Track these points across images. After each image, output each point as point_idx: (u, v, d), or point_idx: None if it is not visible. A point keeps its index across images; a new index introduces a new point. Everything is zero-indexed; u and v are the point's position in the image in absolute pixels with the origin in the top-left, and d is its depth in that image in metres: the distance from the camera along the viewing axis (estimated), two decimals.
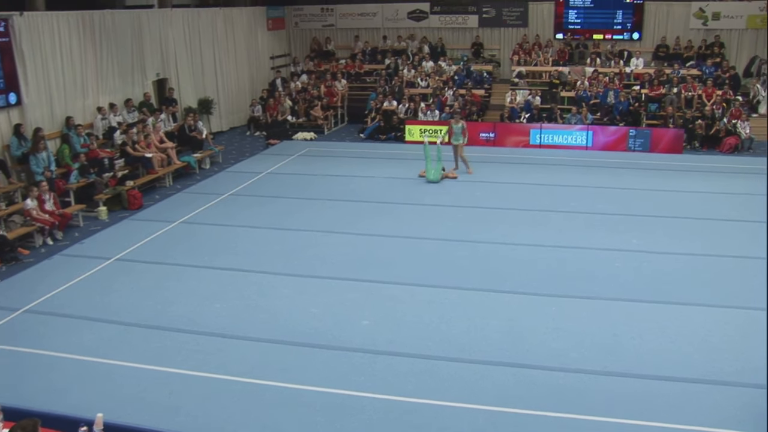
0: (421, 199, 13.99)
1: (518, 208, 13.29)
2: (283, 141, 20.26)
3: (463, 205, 13.56)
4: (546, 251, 10.91)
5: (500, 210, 13.17)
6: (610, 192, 14.42)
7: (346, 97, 23.70)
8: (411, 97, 21.73)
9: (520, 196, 14.18)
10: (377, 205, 13.59)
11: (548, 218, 12.61)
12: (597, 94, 20.92)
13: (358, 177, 15.88)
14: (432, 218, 12.71)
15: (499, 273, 10.08)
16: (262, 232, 12.05)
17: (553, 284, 9.66)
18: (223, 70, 22.13)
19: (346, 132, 22.10)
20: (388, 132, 20.61)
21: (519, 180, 15.45)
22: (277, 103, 21.95)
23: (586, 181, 15.30)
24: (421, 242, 11.41)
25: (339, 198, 14.16)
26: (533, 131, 18.96)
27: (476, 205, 13.54)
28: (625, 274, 10.00)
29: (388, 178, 15.75)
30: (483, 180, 15.45)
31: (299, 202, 13.92)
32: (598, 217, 12.66)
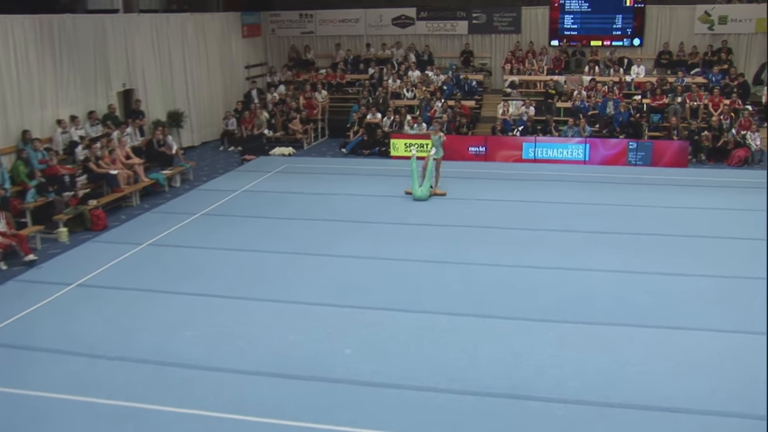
0: (408, 218, 14.09)
1: (512, 227, 13.41)
2: (260, 157, 20.33)
3: (452, 224, 13.66)
4: (542, 273, 11.00)
5: (493, 229, 13.28)
6: (610, 209, 14.58)
7: (326, 109, 23.84)
8: (396, 109, 21.91)
9: (513, 214, 14.32)
10: (360, 225, 13.66)
11: (544, 238, 12.73)
12: (595, 104, 21.18)
13: (340, 195, 15.95)
14: (419, 238, 12.80)
15: (492, 297, 10.15)
16: (237, 255, 12.07)
17: (551, 308, 9.73)
18: (195, 80, 22.21)
19: (326, 147, 22.20)
20: (371, 147, 20.76)
21: (512, 197, 15.59)
22: (253, 116, 22.04)
23: (584, 197, 15.47)
24: (408, 264, 11.47)
25: (319, 217, 14.22)
26: (526, 145, 19.18)
27: (467, 224, 13.64)
28: (628, 297, 10.09)
29: (371, 195, 15.83)
30: (474, 197, 15.57)
31: (277, 222, 13.96)
32: (597, 237, 12.80)
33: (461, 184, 16.60)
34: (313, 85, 24.27)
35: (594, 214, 14.19)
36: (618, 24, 24.39)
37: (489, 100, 23.76)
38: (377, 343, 8.86)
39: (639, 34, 24.22)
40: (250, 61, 25.92)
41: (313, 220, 14.07)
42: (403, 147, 19.80)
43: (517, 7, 25.18)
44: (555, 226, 13.42)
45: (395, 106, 22.17)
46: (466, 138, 20.05)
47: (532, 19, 25.20)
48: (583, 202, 15.08)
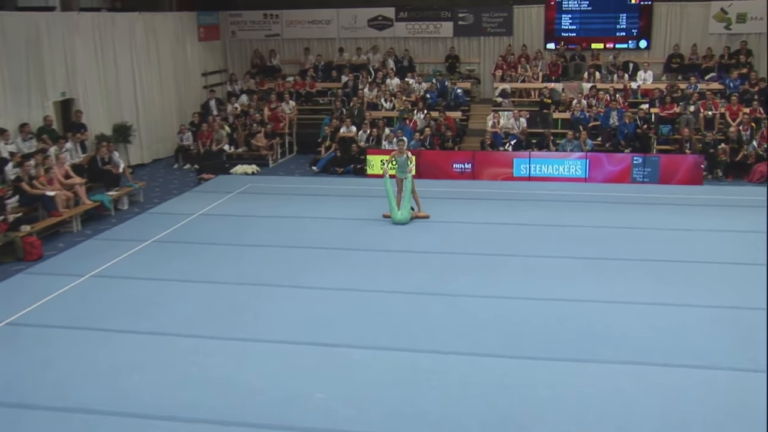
0: (387, 245, 14.21)
1: (503, 253, 13.57)
2: (219, 176, 20.42)
3: (436, 250, 13.80)
4: (538, 305, 11.11)
5: (482, 256, 13.42)
6: (613, 233, 14.79)
7: (294, 122, 24.00)
8: (373, 122, 22.12)
9: (504, 239, 14.49)
10: (333, 253, 13.74)
11: (539, 265, 12.88)
12: (597, 115, 21.49)
13: (310, 218, 16.05)
14: (400, 267, 12.91)
15: (481, 332, 10.22)
16: (194, 287, 12.08)
17: (548, 344, 9.81)
18: (144, 89, 22.28)
19: (295, 164, 22.30)
20: (345, 164, 20.93)
21: (503, 220, 15.77)
22: (211, 130, 22.13)
23: (583, 219, 15.68)
24: (387, 296, 11.55)
25: (287, 244, 14.29)
26: (518, 161, 19.43)
27: (453, 250, 13.79)
28: (635, 331, 10.19)
29: (346, 219, 15.95)
30: (460, 220, 15.73)
31: (239, 249, 14.01)
32: (599, 263, 12.97)
33: (445, 205, 16.78)
34: (280, 94, 24.43)
35: (595, 239, 14.39)
36: (622, 24, 24.77)
37: (477, 110, 24.03)
38: (354, 386, 8.88)
39: (646, 35, 24.62)
40: (208, 67, 26.06)
41: (280, 247, 14.14)
42: (380, 164, 19.93)
43: (508, 6, 25.53)
44: (551, 251, 13.59)
45: (372, 118, 22.38)
46: (452, 153, 20.28)
47: (525, 19, 25.56)
48: (582, 225, 15.28)
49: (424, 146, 20.66)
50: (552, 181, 19.11)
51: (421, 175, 16.61)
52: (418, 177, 16.06)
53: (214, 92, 25.08)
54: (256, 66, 26.74)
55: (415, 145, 20.56)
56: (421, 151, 19.70)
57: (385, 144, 21.05)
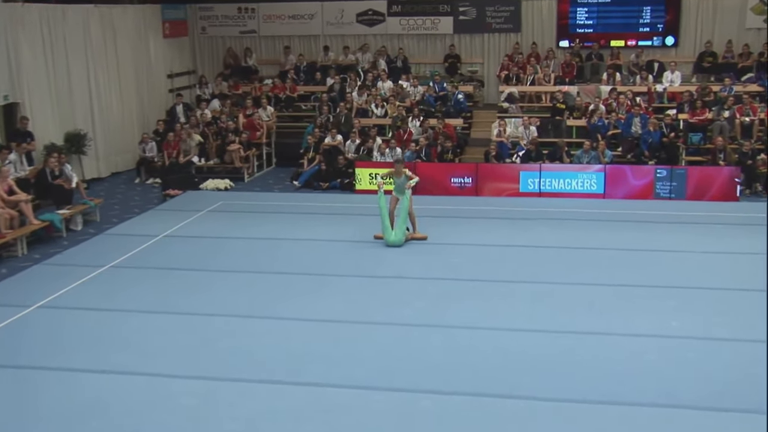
0: (378, 270, 14.25)
1: (511, 279, 13.63)
2: (187, 192, 20.48)
3: (435, 276, 13.86)
4: (550, 338, 11.14)
5: (486, 283, 13.47)
6: (635, 256, 14.86)
7: (273, 130, 24.10)
8: (363, 130, 22.22)
9: (512, 263, 14.56)
10: (317, 279, 13.77)
11: (552, 293, 12.93)
12: (617, 122, 21.64)
13: (291, 240, 16.11)
14: (393, 295, 12.94)
15: (486, 370, 10.23)
16: (157, 319, 12.07)
17: (562, 383, 9.83)
18: (101, 92, 22.32)
19: (274, 178, 22.38)
20: (331, 178, 21.03)
21: (510, 241, 15.86)
22: (178, 140, 22.18)
23: (601, 241, 15.78)
24: (379, 329, 11.57)
25: (264, 269, 14.33)
26: (525, 175, 19.57)
27: (453, 276, 13.85)
28: (662, 369, 10.21)
29: (331, 241, 16.02)
30: (461, 242, 15.81)
31: (209, 275, 14.04)
32: (620, 291, 13.02)
33: (444, 224, 16.86)
34: (256, 99, 24.53)
35: (613, 263, 14.45)
36: (646, 18, 24.94)
37: (480, 117, 24.16)
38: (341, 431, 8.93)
39: (673, 31, 24.78)
40: (174, 68, 26.15)
41: (256, 272, 14.17)
42: (371, 178, 20.01)
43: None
44: (564, 278, 13.65)
45: (361, 126, 22.49)
46: (451, 166, 20.41)
47: (535, 13, 25.73)
48: (599, 247, 15.37)
49: (419, 158, 20.80)
50: (565, 197, 19.25)
51: (416, 191, 16.64)
52: (413, 193, 16.07)
53: (181, 96, 25.16)
54: (230, 67, 26.85)
55: (410, 157, 20.67)
56: (416, 164, 19.79)
57: (376, 156, 21.14)
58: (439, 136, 21.48)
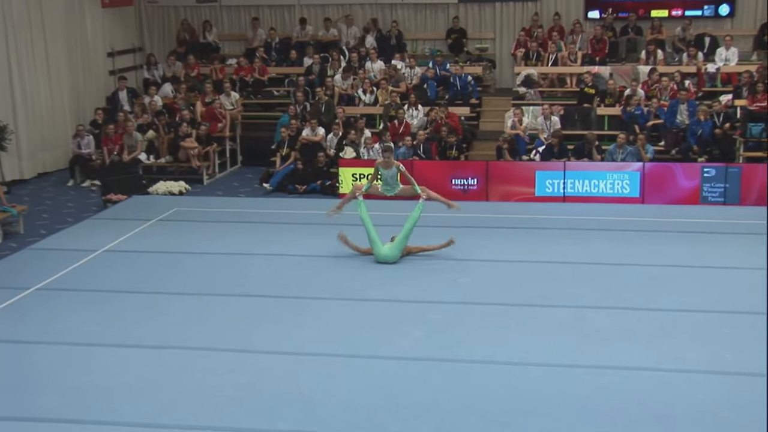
0: (368, 292, 14.24)
1: (529, 303, 13.60)
2: (133, 197, 20.47)
3: (437, 299, 13.83)
4: (578, 376, 11.10)
5: (499, 308, 13.44)
6: (680, 275, 14.86)
7: (239, 122, 24.14)
8: (348, 122, 22.21)
9: (530, 284, 14.53)
10: (294, 303, 13.75)
11: (580, 320, 12.93)
12: (659, 110, 21.63)
13: (261, 256, 16.12)
14: (387, 323, 12.90)
15: (500, 414, 10.20)
16: (95, 354, 12.00)
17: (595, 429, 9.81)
18: (25, 76, 22.27)
19: (239, 180, 22.41)
20: (310, 180, 21.08)
21: (527, 257, 15.89)
22: (122, 133, 22.16)
23: (639, 256, 15.77)
24: (369, 364, 11.54)
25: (228, 291, 14.29)
26: (543, 176, 19.63)
27: (459, 299, 13.83)
28: (717, 411, 10.18)
29: (311, 256, 16.01)
30: (468, 258, 15.82)
31: (160, 299, 13.98)
32: (663, 317, 13.01)
33: (445, 236, 16.62)
34: (218, 84, 24.52)
35: (654, 283, 14.42)
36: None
37: (492, 105, 24.23)
38: None
39: None
40: (116, 45, 26.12)
41: (219, 296, 14.11)
42: (362, 181, 19.98)
43: None
44: (595, 301, 13.62)
45: (345, 117, 22.53)
46: (453, 165, 20.43)
47: None
48: (636, 263, 15.36)
49: (417, 155, 20.87)
50: (594, 202, 19.30)
51: None
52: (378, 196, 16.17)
53: (125, 80, 25.14)
54: (185, 43, 26.79)
55: (405, 154, 20.70)
56: (413, 162, 19.86)
57: (363, 152, 21.15)
58: (441, 128, 21.51)
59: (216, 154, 22.94)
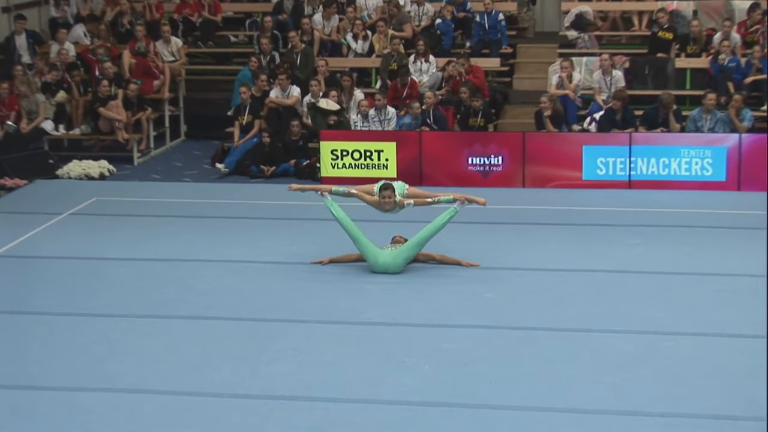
0: (362, 312, 14.24)
1: (581, 327, 13.58)
2: (35, 181, 20.56)
3: (453, 323, 13.80)
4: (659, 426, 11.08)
5: (539, 333, 13.42)
6: None
7: (182, 79, 24.22)
8: (332, 79, 22.22)
9: (582, 300, 14.55)
10: (259, 328, 13.72)
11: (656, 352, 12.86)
12: (763, 61, 21.55)
13: (214, 263, 16.16)
14: (386, 354, 12.85)
15: None
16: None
17: None
18: None
19: (183, 159, 22.55)
20: (279, 159, 21.22)
21: (576, 263, 15.99)
22: (18, 94, 22.13)
23: (732, 263, 15.79)
24: (365, 410, 11.54)
25: (167, 313, 14.26)
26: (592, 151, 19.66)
27: (483, 322, 13.80)
28: None
29: (283, 264, 16.08)
30: (496, 265, 15.93)
31: (73, 324, 13.95)
32: None
33: (465, 236, 16.94)
34: (153, 25, 24.49)
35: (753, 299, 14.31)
36: None
37: (530, 55, 24.37)
38: None
39: None
40: None
41: (157, 318, 14.09)
42: (346, 160, 20.32)
43: None
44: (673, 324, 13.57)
45: (328, 72, 22.60)
46: (473, 137, 20.44)
47: None
48: (728, 273, 15.37)
49: (426, 124, 20.97)
50: (670, 188, 19.39)
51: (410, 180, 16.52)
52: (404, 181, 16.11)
53: (23, 20, 25.06)
54: None
55: (411, 125, 20.85)
56: (422, 134, 20.02)
57: (356, 121, 21.23)
58: (461, 88, 21.49)
59: (151, 123, 22.96)
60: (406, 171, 19.56)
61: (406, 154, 20.01)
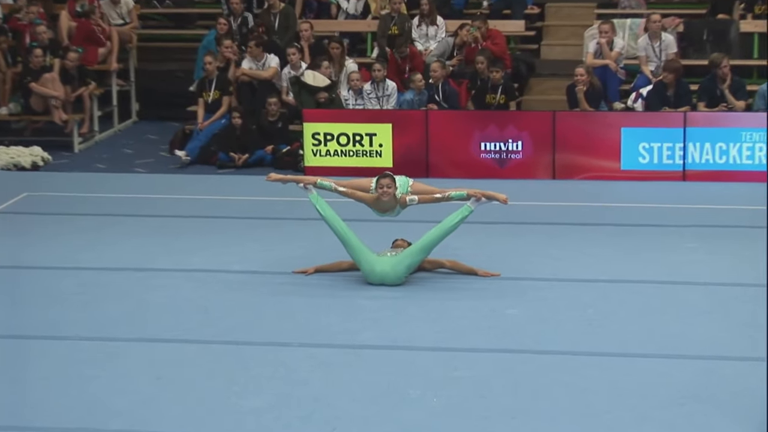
0: (356, 334, 14.23)
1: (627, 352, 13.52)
2: None
3: (468, 345, 13.77)
4: None
5: (576, 359, 13.38)
6: None
7: (133, 46, 24.19)
8: (318, 45, 22.23)
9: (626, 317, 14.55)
10: (229, 354, 13.69)
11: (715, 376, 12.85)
12: None
13: (172, 273, 16.25)
14: (388, 385, 12.75)
15: None
16: None
17: None
18: None
19: (135, 145, 22.65)
20: (254, 144, 21.39)
21: (618, 272, 16.02)
22: None
23: None
24: None
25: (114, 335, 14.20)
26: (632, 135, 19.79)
27: (506, 344, 13.78)
28: None
29: (256, 273, 16.17)
30: (519, 275, 16.00)
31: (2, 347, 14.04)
32: None
33: (481, 239, 17.13)
34: None
35: None
36: None
37: (561, 17, 24.44)
38: None
39: None
40: None
41: (103, 341, 14.06)
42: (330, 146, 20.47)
43: None
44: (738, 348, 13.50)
45: (312, 38, 22.58)
46: (489, 117, 20.55)
47: None
48: None
49: (435, 102, 21.09)
50: (735, 180, 19.50)
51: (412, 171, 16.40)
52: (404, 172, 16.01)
53: None
54: None
55: (415, 102, 20.86)
56: (428, 114, 20.07)
57: (347, 98, 21.24)
58: (477, 57, 21.62)
59: (95, 100, 23.01)
60: (406, 159, 19.70)
61: (405, 138, 20.13)
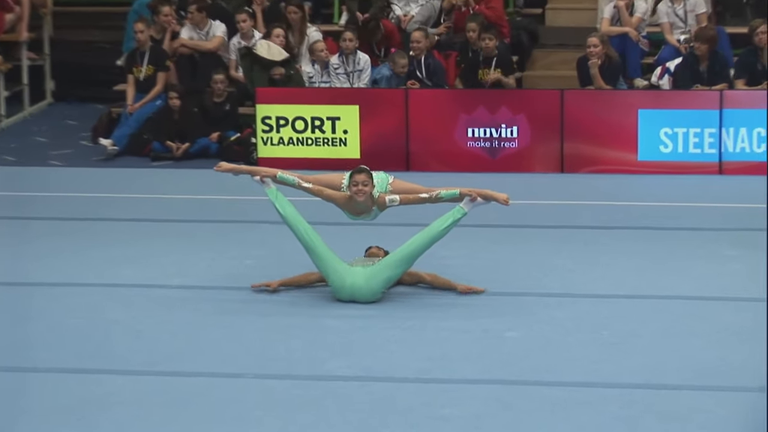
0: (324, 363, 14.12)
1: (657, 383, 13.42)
2: None
3: (459, 377, 13.70)
4: None
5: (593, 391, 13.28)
6: None
7: (47, 15, 24.09)
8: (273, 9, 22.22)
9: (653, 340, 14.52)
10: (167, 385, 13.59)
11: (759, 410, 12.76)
12: None
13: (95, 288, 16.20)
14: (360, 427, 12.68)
15: None
16: None
17: None
18: None
19: (51, 132, 22.67)
20: (196, 131, 21.41)
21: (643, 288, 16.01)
22: None
23: None
24: None
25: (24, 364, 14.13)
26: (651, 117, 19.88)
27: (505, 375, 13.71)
28: None
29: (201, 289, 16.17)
30: (520, 289, 15.99)
31: None
32: None
33: (472, 246, 17.17)
34: None
35: None
36: None
37: None
38: None
39: None
40: None
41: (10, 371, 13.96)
42: (284, 132, 20.43)
43: None
44: None
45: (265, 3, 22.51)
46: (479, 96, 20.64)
47: None
48: None
49: (417, 78, 21.15)
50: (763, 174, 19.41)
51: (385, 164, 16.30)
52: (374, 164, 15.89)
53: None
54: None
55: (393, 80, 20.73)
56: (408, 93, 20.01)
57: (311, 74, 21.19)
58: (468, 24, 21.69)
59: (1, 77, 22.88)
60: (377, 149, 19.76)
61: (377, 123, 20.20)
